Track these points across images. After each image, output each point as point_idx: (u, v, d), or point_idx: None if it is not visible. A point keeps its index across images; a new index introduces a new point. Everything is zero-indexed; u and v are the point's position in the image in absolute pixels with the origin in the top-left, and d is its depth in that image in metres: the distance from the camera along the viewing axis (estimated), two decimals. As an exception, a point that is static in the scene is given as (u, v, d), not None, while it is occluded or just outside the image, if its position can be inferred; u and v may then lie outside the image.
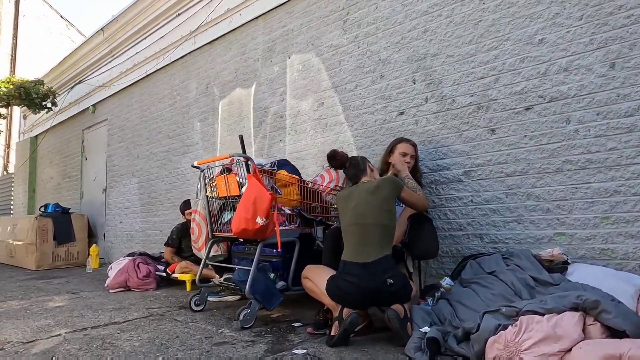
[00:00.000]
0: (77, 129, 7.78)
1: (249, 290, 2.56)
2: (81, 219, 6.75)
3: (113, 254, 6.45)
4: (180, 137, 5.35)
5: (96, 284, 4.60)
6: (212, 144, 4.90)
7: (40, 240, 6.25)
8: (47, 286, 4.54)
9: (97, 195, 7.03)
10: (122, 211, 6.33)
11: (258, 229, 2.52)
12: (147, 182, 5.85)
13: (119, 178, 6.46)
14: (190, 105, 5.24)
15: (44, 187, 8.86)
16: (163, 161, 5.60)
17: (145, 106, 6.01)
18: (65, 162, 8.08)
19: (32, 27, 15.08)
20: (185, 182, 5.20)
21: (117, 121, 6.62)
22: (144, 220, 5.86)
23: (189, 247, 4.39)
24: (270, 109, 4.27)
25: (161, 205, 5.56)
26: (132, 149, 6.21)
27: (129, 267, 4.17)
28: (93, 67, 7.14)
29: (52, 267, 6.29)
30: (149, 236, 5.75)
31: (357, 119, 3.54)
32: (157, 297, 3.75)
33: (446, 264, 2.95)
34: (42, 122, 8.94)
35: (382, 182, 2.31)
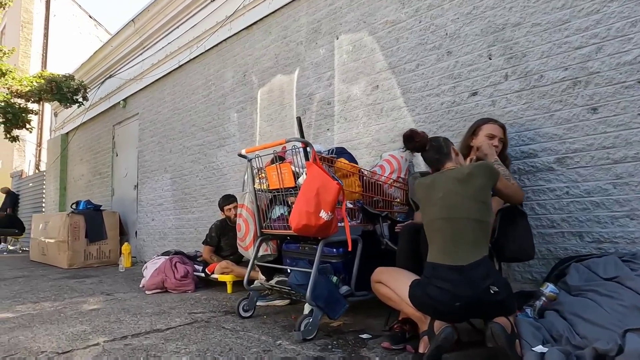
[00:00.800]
0: (107, 125, 7.63)
1: (310, 296, 2.21)
2: (113, 216, 6.56)
3: (145, 252, 6.23)
4: (216, 129, 5.06)
5: (131, 284, 4.34)
6: (250, 136, 4.58)
7: (72, 238, 6.09)
8: (80, 286, 4.31)
9: (129, 192, 6.84)
10: (154, 208, 6.10)
11: (322, 225, 2.17)
12: (181, 178, 5.60)
13: (150, 174, 6.23)
14: (226, 95, 4.94)
15: (74, 185, 8.77)
16: (197, 155, 5.32)
17: (178, 98, 5.76)
18: (96, 158, 7.95)
19: (62, 26, 15.21)
20: (222, 177, 4.91)
21: (148, 115, 6.40)
22: (177, 217, 5.60)
23: (228, 246, 4.10)
24: (315, 96, 3.92)
25: (195, 202, 5.29)
26: (165, 143, 5.97)
27: (166, 267, 3.89)
28: (123, 61, 6.95)
29: (84, 265, 6.12)
30: (182, 234, 5.49)
31: (419, 103, 3.14)
32: (198, 300, 3.44)
33: (534, 267, 2.53)
34: (72, 119, 8.86)
35: (475, 168, 1.91)
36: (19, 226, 9.75)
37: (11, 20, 14.93)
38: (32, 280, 4.81)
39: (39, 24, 14.50)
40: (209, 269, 3.89)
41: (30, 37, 14.12)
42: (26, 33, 14.06)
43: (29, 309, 3.23)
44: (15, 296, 3.78)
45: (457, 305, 1.73)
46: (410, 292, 1.89)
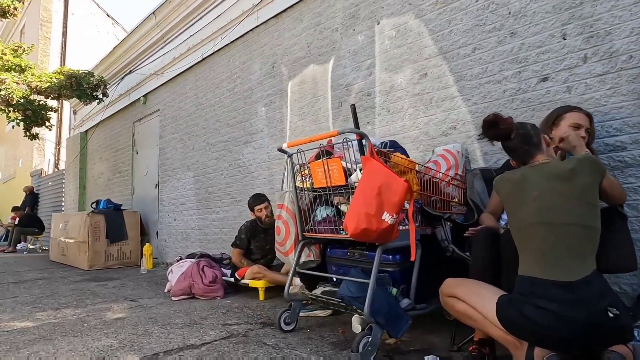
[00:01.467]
0: (127, 122, 7.44)
1: (368, 311, 1.91)
2: (133, 216, 6.36)
3: (167, 253, 6.01)
4: (242, 124, 4.79)
5: (155, 289, 4.10)
6: (279, 131, 4.29)
7: (93, 238, 5.90)
8: (102, 290, 4.09)
9: (149, 190, 6.63)
10: (176, 207, 5.87)
11: (385, 230, 1.86)
12: (204, 176, 5.35)
13: (172, 172, 6.01)
14: (253, 88, 4.67)
15: (94, 183, 8.63)
16: (222, 152, 5.06)
17: (201, 93, 5.51)
18: (116, 156, 7.78)
19: (81, 25, 15.20)
20: (248, 175, 4.64)
21: (169, 111, 6.17)
22: (201, 217, 5.36)
23: (258, 249, 3.82)
24: (353, 86, 3.61)
25: (220, 201, 5.04)
26: (187, 140, 5.73)
27: (193, 272, 3.63)
28: (144, 55, 6.74)
29: (104, 266, 5.93)
30: (206, 235, 5.24)
31: (477, 91, 2.81)
32: (229, 308, 3.17)
33: (623, 278, 2.18)
34: (92, 117, 8.71)
35: (579, 163, 1.59)
36: (38, 225, 9.68)
37: (30, 19, 14.97)
38: (52, 283, 4.61)
39: (58, 22, 14.48)
40: (238, 274, 3.62)
41: (49, 35, 14.11)
42: (45, 32, 14.05)
43: (49, 317, 3.00)
44: (36, 301, 3.57)
45: (567, 330, 1.41)
46: (500, 311, 1.57)
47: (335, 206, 2.45)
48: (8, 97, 5.83)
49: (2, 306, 3.40)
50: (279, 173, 4.26)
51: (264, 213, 3.70)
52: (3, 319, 2.98)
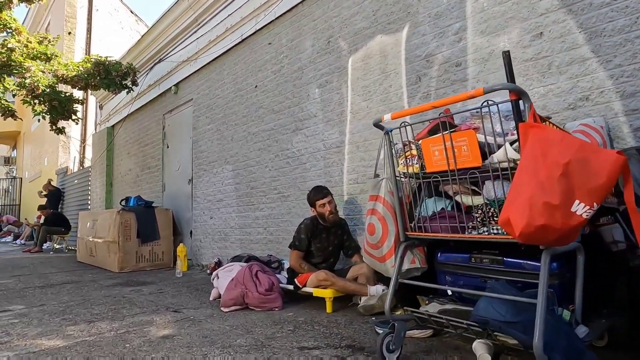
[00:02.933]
0: (157, 114, 6.99)
1: (541, 345, 1.31)
2: (165, 214, 5.89)
3: (202, 254, 5.51)
4: (290, 110, 4.24)
5: (198, 296, 3.58)
6: (338, 114, 3.72)
7: (123, 238, 5.44)
8: (139, 297, 3.59)
9: (182, 186, 6.15)
10: (212, 205, 5.36)
11: (573, 228, 1.27)
12: (245, 169, 4.82)
13: (208, 166, 5.50)
14: (304, 68, 4.11)
15: (121, 180, 8.23)
16: (266, 142, 4.52)
17: (241, 78, 4.98)
18: (145, 151, 7.34)
19: (105, 21, 15.00)
20: (299, 167, 4.08)
21: (204, 100, 5.67)
22: (242, 215, 4.83)
23: (320, 251, 3.26)
24: (436, 57, 3.01)
25: (265, 197, 4.49)
26: (224, 130, 5.21)
27: (245, 278, 3.09)
28: (175, 41, 6.26)
29: (136, 269, 5.47)
30: (248, 234, 4.71)
31: (621, 50, 2.18)
32: (296, 323, 2.60)
33: None
34: (119, 110, 8.32)
35: None
36: (65, 224, 9.36)
37: (55, 16, 14.82)
38: (82, 288, 4.14)
39: (82, 18, 14.29)
40: (299, 281, 3.06)
41: (74, 31, 13.90)
42: (70, 27, 13.84)
43: (83, 332, 2.50)
44: (65, 311, 3.08)
45: None
46: None
47: (449, 197, 1.86)
48: (34, 86, 5.42)
49: (28, 317, 2.92)
50: (337, 163, 3.69)
51: (327, 208, 3.14)
52: (28, 334, 2.49)
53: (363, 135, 3.48)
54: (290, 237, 4.11)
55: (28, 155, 17.42)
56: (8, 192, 18.93)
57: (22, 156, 18.68)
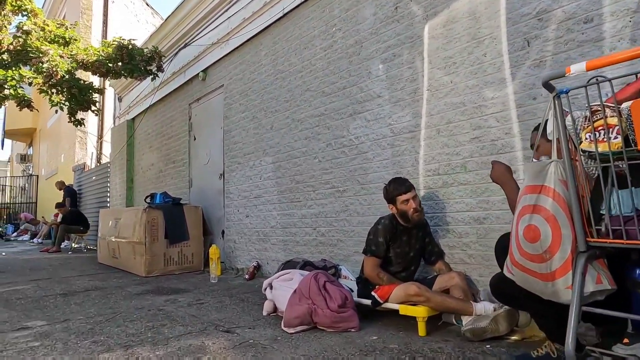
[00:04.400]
0: (182, 104, 6.46)
1: None
2: (195, 212, 5.35)
3: (237, 257, 4.97)
4: (346, 91, 3.65)
5: (246, 309, 3.02)
6: (410, 93, 3.12)
7: (150, 238, 4.92)
8: (177, 310, 3.04)
9: (212, 182, 5.61)
10: (249, 201, 4.81)
11: None
12: (289, 161, 4.25)
13: (242, 158, 4.95)
14: (363, 41, 3.51)
15: (143, 176, 7.74)
16: (315, 129, 3.94)
17: (282, 58, 4.41)
18: (169, 145, 6.82)
19: (121, 14, 14.61)
20: (358, 156, 3.49)
21: (237, 85, 5.11)
22: (285, 213, 4.26)
23: (399, 257, 2.67)
24: (553, 13, 2.39)
25: (314, 192, 3.92)
26: (262, 118, 4.65)
27: (312, 290, 2.52)
28: (203, 23, 5.72)
29: (164, 272, 4.95)
30: (293, 235, 4.14)
31: None
32: (392, 354, 2.02)
33: None
34: (140, 102, 7.82)
35: None
36: (83, 223, 8.92)
37: (71, 9, 14.44)
38: (109, 297, 3.62)
39: (98, 10, 13.92)
40: (380, 294, 2.48)
41: (90, 23, 13.52)
42: (85, 20, 13.45)
43: (121, 365, 1.95)
44: (94, 330, 2.54)
45: None
46: None
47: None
48: (52, 71, 4.91)
49: (51, 339, 2.39)
50: (409, 152, 3.10)
51: (411, 205, 2.55)
52: (53, 366, 1.95)
53: (446, 116, 2.87)
54: (347, 239, 3.56)
55: (44, 153, 17.14)
56: (24, 190, 18.71)
57: (38, 153, 18.43)
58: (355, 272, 3.42)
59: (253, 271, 4.44)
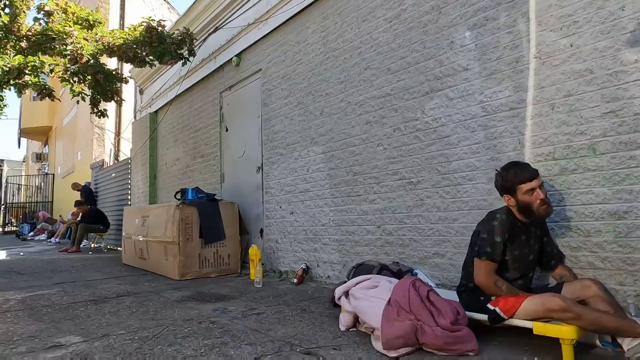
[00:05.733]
0: (211, 93, 6.00)
1: None
2: (231, 208, 4.88)
3: (280, 258, 4.48)
4: (419, 66, 3.14)
5: (314, 321, 2.53)
6: (510, 63, 2.60)
7: (184, 237, 4.45)
8: (233, 323, 2.56)
9: (248, 176, 5.13)
10: (293, 197, 4.32)
11: None
12: (344, 150, 3.75)
13: (285, 149, 4.46)
14: (442, 6, 3.00)
15: (167, 171, 7.30)
16: (379, 112, 3.44)
17: (334, 35, 3.91)
18: (197, 137, 6.36)
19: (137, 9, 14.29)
20: (437, 141, 2.98)
21: (278, 69, 4.63)
22: (340, 209, 3.76)
23: (517, 261, 2.13)
24: None
25: (377, 185, 3.41)
26: (310, 103, 4.15)
27: (413, 302, 2.01)
28: (237, 3, 5.24)
29: (199, 275, 4.48)
30: (351, 234, 3.64)
31: None
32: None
33: None
34: (163, 93, 7.38)
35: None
36: (103, 222, 8.52)
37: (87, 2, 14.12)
38: (147, 304, 3.15)
39: (115, 4, 13.64)
40: (503, 308, 1.96)
41: (108, 17, 13.17)
42: (103, 13, 13.10)
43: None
44: (143, 349, 2.06)
45: None
46: None
47: None
48: (76, 54, 4.48)
49: None
50: (510, 133, 2.58)
51: (538, 195, 2.03)
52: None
53: (564, 88, 2.35)
54: (423, 238, 3.04)
55: (60, 151, 16.88)
56: (40, 188, 18.50)
57: (54, 152, 18.20)
58: (434, 277, 2.91)
59: (302, 275, 3.95)
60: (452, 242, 2.86)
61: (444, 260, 2.90)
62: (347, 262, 3.65)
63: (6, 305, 3.23)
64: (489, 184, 2.64)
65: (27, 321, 2.72)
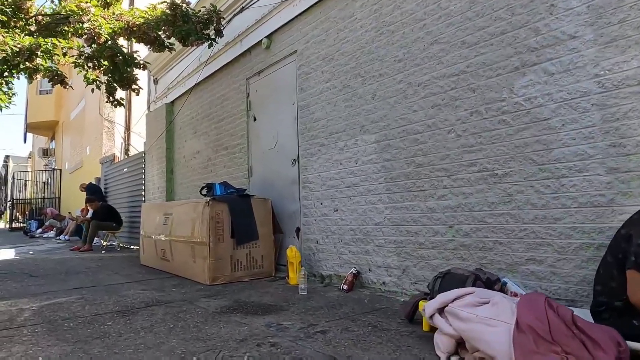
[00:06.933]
0: (237, 80, 5.52)
1: None
2: (263, 205, 4.41)
3: (321, 261, 4.01)
4: (507, 36, 2.65)
5: (395, 341, 2.06)
6: (638, 27, 2.10)
7: (215, 238, 4.00)
8: (297, 345, 2.09)
9: (281, 169, 4.66)
10: (338, 192, 3.85)
11: None
12: (404, 138, 3.27)
13: (328, 139, 3.98)
14: (537, -36, 2.50)
15: (185, 165, 6.84)
16: (450, 94, 2.95)
17: (389, 7, 3.42)
18: (220, 128, 5.90)
19: None
20: (533, 125, 2.49)
21: (317, 49, 4.14)
22: (398, 205, 3.29)
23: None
24: None
25: (448, 178, 2.93)
26: (358, 86, 3.67)
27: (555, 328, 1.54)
28: (268, -22, 4.76)
29: (231, 279, 4.03)
30: (414, 234, 3.16)
31: None
32: None
33: None
34: (181, 82, 6.91)
35: None
36: (116, 219, 8.10)
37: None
38: (183, 316, 2.69)
39: (124, -8, 13.09)
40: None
41: (117, 6, 12.67)
42: (112, 2, 12.62)
43: None
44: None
45: None
46: None
47: None
48: (94, 32, 4.01)
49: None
50: (638, 113, 2.08)
51: None
52: None
53: None
54: (514, 241, 2.53)
55: (68, 146, 16.48)
56: (48, 184, 18.13)
57: (61, 147, 17.81)
58: (529, 287, 2.43)
59: (352, 280, 3.49)
60: (553, 246, 2.38)
61: (542, 268, 2.42)
62: (407, 267, 3.18)
63: (21, 318, 2.79)
64: (609, 175, 2.16)
65: (47, 340, 2.27)
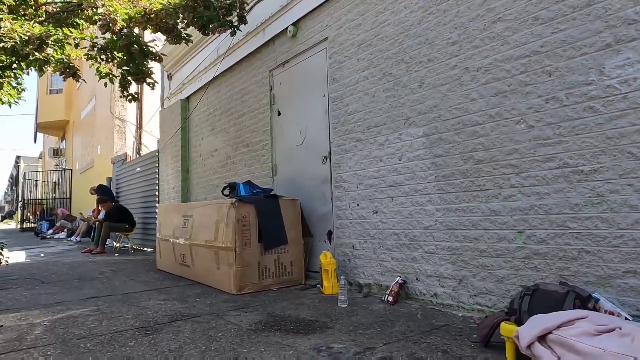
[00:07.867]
0: (259, 72, 5.17)
1: None
2: (292, 207, 4.05)
3: (358, 268, 3.64)
4: (592, 9, 2.26)
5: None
6: None
7: (241, 242, 3.64)
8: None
9: (310, 167, 4.29)
10: (378, 192, 3.47)
11: None
12: (459, 131, 2.88)
13: (365, 133, 3.61)
14: None
15: (202, 164, 6.51)
16: (517, 79, 2.56)
17: (440, -18, 3.04)
18: (239, 124, 5.55)
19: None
20: (630, 112, 2.10)
21: (352, 35, 3.77)
22: (452, 208, 2.90)
23: None
24: None
25: (517, 176, 2.55)
26: (402, 74, 3.29)
27: None
28: (295, -40, 4.40)
29: (259, 288, 3.68)
30: (472, 240, 2.78)
31: None
32: None
33: None
34: (197, 76, 6.58)
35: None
36: (129, 219, 7.80)
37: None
38: (215, 337, 2.33)
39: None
40: None
41: None
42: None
43: None
44: None
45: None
46: None
47: None
48: (108, 18, 3.67)
49: None
50: None
51: None
52: None
53: None
54: (607, 250, 2.13)
55: (78, 145, 16.28)
56: (58, 184, 17.97)
57: (71, 147, 17.63)
58: (627, 304, 2.04)
59: (398, 291, 3.11)
60: (661, 256, 1.99)
61: None
62: (465, 277, 2.80)
63: (31, 336, 2.45)
64: None
65: (61, 367, 1.93)
